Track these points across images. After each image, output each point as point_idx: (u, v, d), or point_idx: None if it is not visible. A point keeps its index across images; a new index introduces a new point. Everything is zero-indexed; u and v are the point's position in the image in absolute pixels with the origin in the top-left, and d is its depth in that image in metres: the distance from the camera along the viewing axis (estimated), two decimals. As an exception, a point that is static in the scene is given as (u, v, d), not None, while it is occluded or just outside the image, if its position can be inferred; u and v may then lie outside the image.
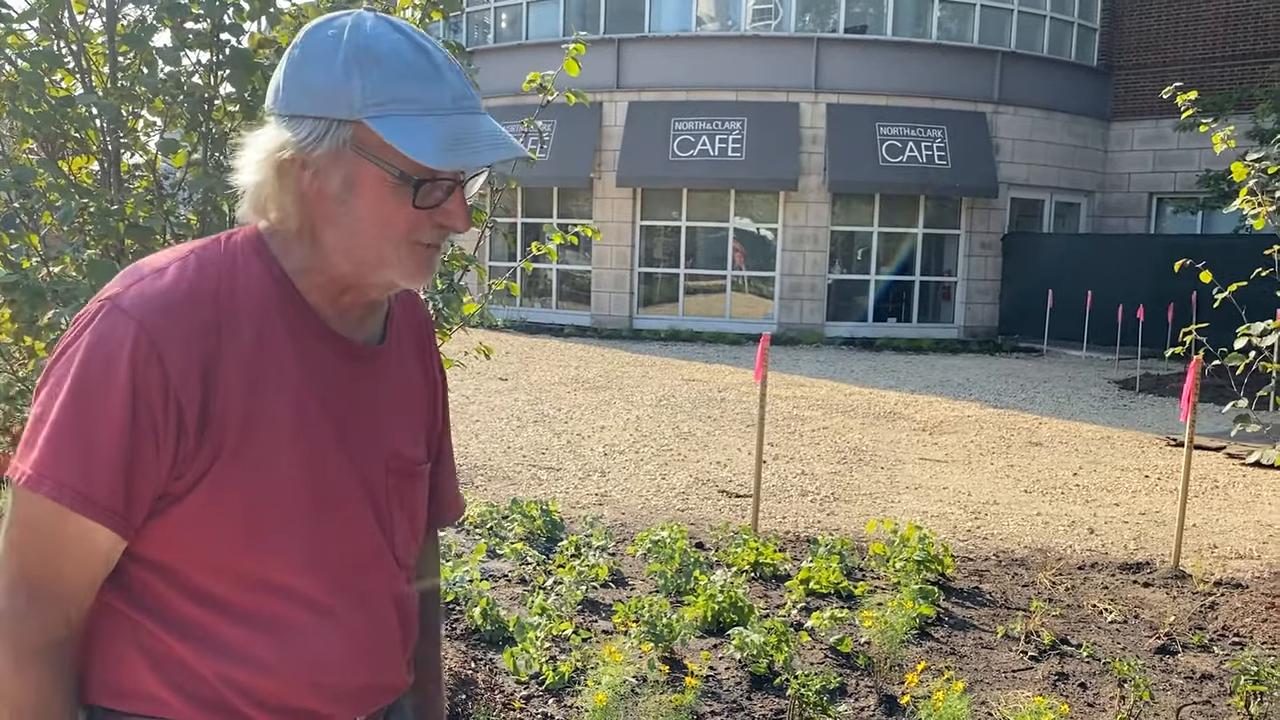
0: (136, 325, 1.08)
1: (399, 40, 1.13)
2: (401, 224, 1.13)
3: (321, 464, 1.19)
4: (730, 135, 17.42)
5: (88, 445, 1.07)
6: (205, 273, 1.15)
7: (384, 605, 1.26)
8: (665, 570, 4.72)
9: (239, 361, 1.13)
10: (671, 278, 18.61)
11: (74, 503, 1.07)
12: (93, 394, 1.07)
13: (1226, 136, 4.76)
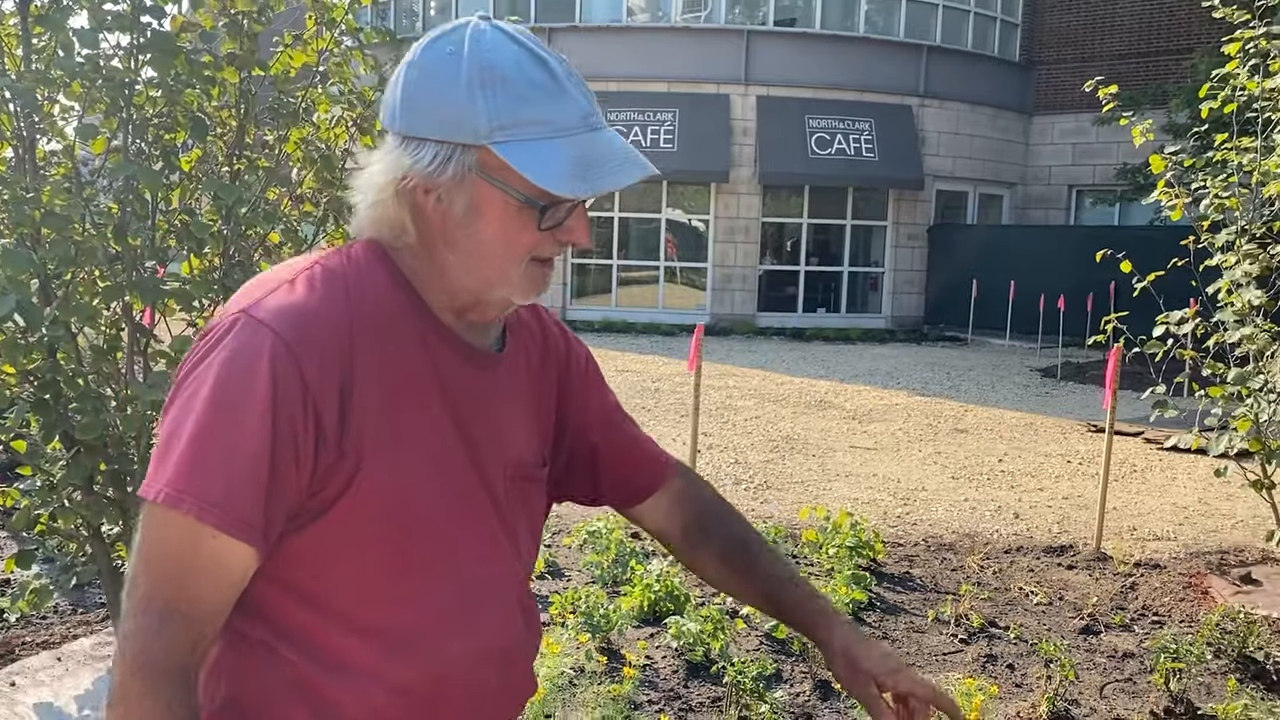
0: (274, 336, 1.05)
1: (520, 54, 1.09)
2: (525, 245, 1.11)
3: (453, 473, 1.17)
4: (662, 126, 17.45)
5: (228, 460, 1.03)
6: (334, 283, 1.12)
7: (513, 613, 1.24)
8: (601, 561, 4.72)
9: (374, 371, 1.11)
10: (604, 269, 18.60)
11: (216, 519, 1.02)
12: (233, 407, 1.04)
13: (1145, 130, 4.89)
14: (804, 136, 17.49)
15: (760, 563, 1.41)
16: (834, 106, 17.73)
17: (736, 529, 1.44)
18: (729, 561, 1.42)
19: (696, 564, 1.46)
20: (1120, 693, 3.86)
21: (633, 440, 1.43)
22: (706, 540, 1.43)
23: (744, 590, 1.44)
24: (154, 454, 1.07)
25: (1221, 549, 5.74)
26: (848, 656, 1.32)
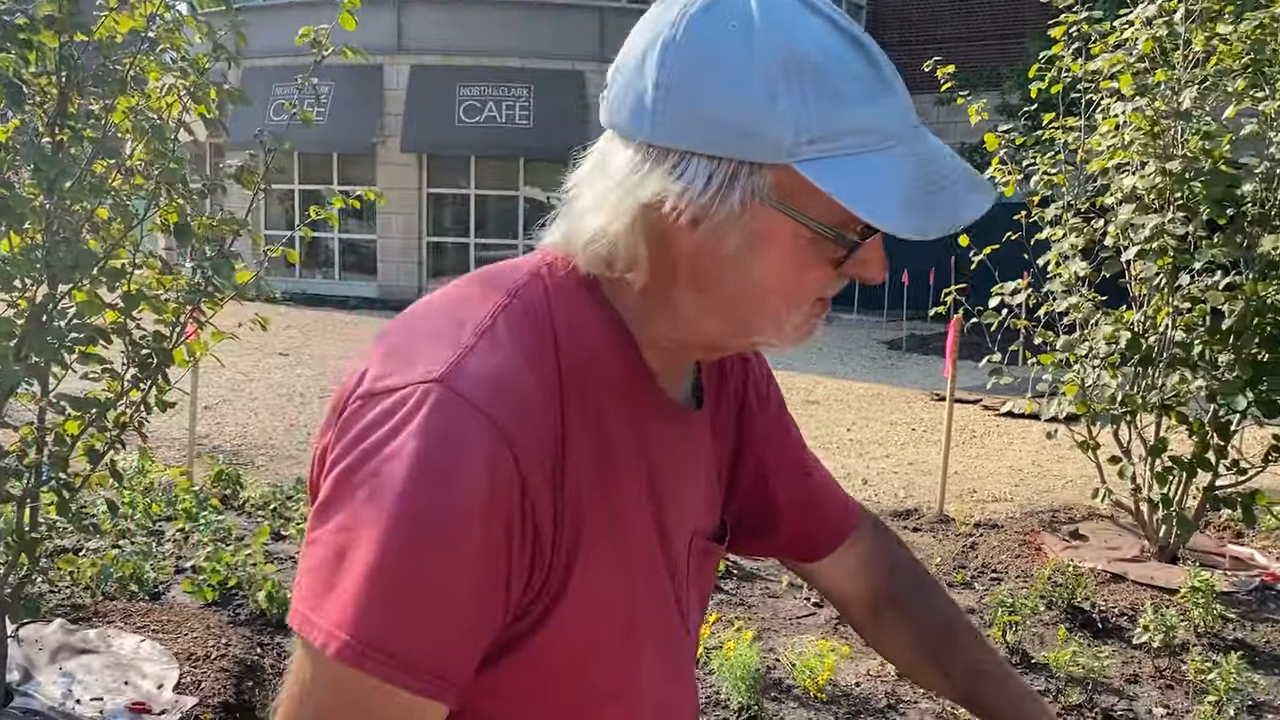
0: (490, 426, 0.75)
1: (825, 30, 0.78)
2: (810, 286, 0.84)
3: (647, 567, 0.91)
4: (518, 102, 17.27)
5: (432, 602, 0.74)
6: (540, 333, 0.83)
7: (686, 701, 1.02)
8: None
9: (585, 450, 0.82)
10: (462, 247, 18.33)
11: (419, 686, 0.74)
12: (438, 527, 0.74)
13: (980, 110, 5.11)
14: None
15: (965, 651, 1.15)
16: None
17: (938, 604, 1.18)
18: (926, 647, 1.17)
19: (884, 644, 1.22)
20: (962, 646, 4.05)
21: (819, 487, 1.16)
22: (899, 617, 1.18)
23: (939, 683, 1.18)
24: (311, 568, 0.77)
25: (1053, 508, 6.10)
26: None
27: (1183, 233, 4.29)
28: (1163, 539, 4.92)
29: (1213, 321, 4.47)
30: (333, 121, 16.70)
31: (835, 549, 1.16)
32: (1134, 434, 4.84)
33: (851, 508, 1.19)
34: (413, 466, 0.73)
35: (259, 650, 3.64)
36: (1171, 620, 3.85)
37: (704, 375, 1.01)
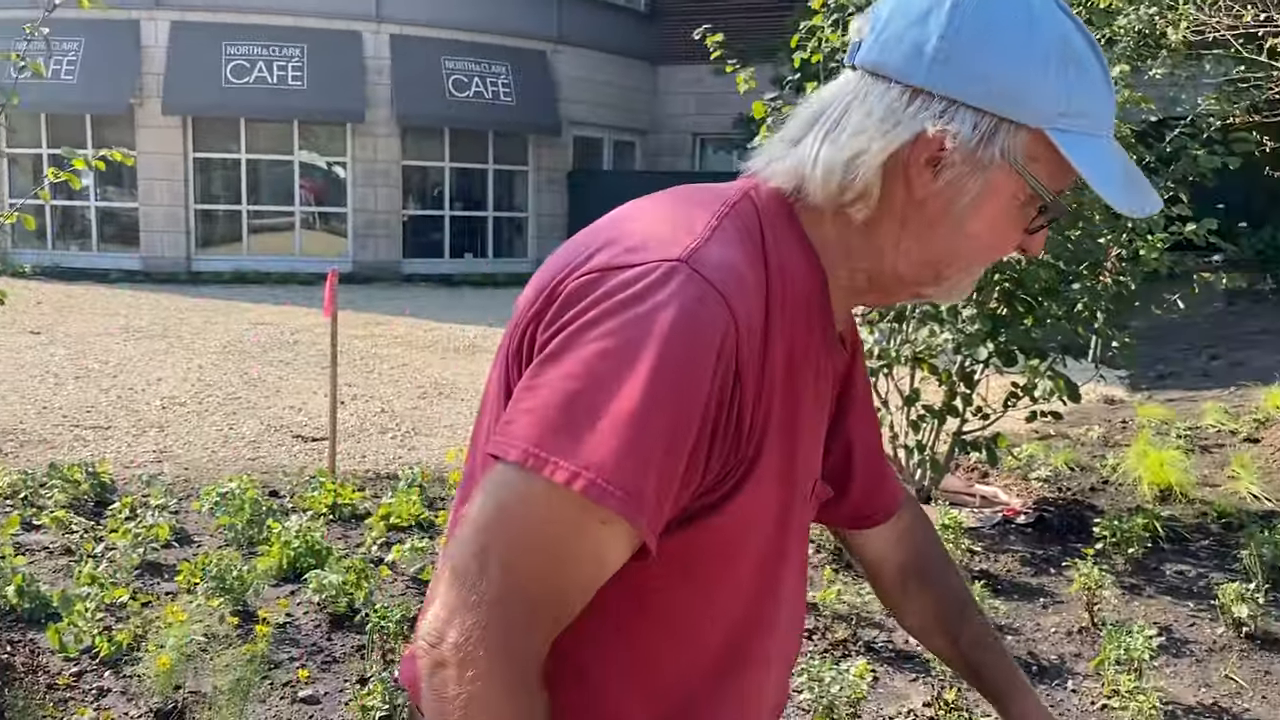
0: (728, 310, 0.84)
1: (1074, 30, 0.91)
2: (1005, 246, 0.96)
3: (794, 490, 1.00)
4: (290, 63, 16.45)
5: (665, 451, 0.82)
6: (754, 240, 0.92)
7: (792, 653, 1.12)
8: (236, 522, 4.48)
9: (776, 363, 0.91)
10: (234, 215, 17.36)
11: (642, 519, 0.82)
12: (680, 386, 0.82)
13: (749, 78, 5.28)
14: (441, 79, 17.21)
15: (971, 625, 1.30)
16: (471, 49, 17.57)
17: (955, 584, 1.33)
18: (940, 617, 1.31)
19: (904, 609, 1.35)
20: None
21: (881, 454, 1.28)
22: (923, 588, 1.32)
23: (947, 650, 1.32)
24: (547, 408, 0.82)
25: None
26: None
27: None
28: (918, 482, 5.30)
29: (958, 279, 4.82)
30: (85, 81, 15.41)
31: (889, 519, 1.28)
32: (891, 385, 5.17)
33: (900, 484, 1.32)
34: (668, 333, 0.81)
35: (9, 648, 3.37)
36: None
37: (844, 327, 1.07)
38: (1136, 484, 5.61)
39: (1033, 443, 6.46)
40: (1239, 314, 11.48)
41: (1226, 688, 3.44)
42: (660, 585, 0.92)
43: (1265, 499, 5.38)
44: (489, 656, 0.81)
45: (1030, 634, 3.88)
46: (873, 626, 3.91)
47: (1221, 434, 6.79)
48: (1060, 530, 4.94)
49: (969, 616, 1.29)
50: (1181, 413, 7.37)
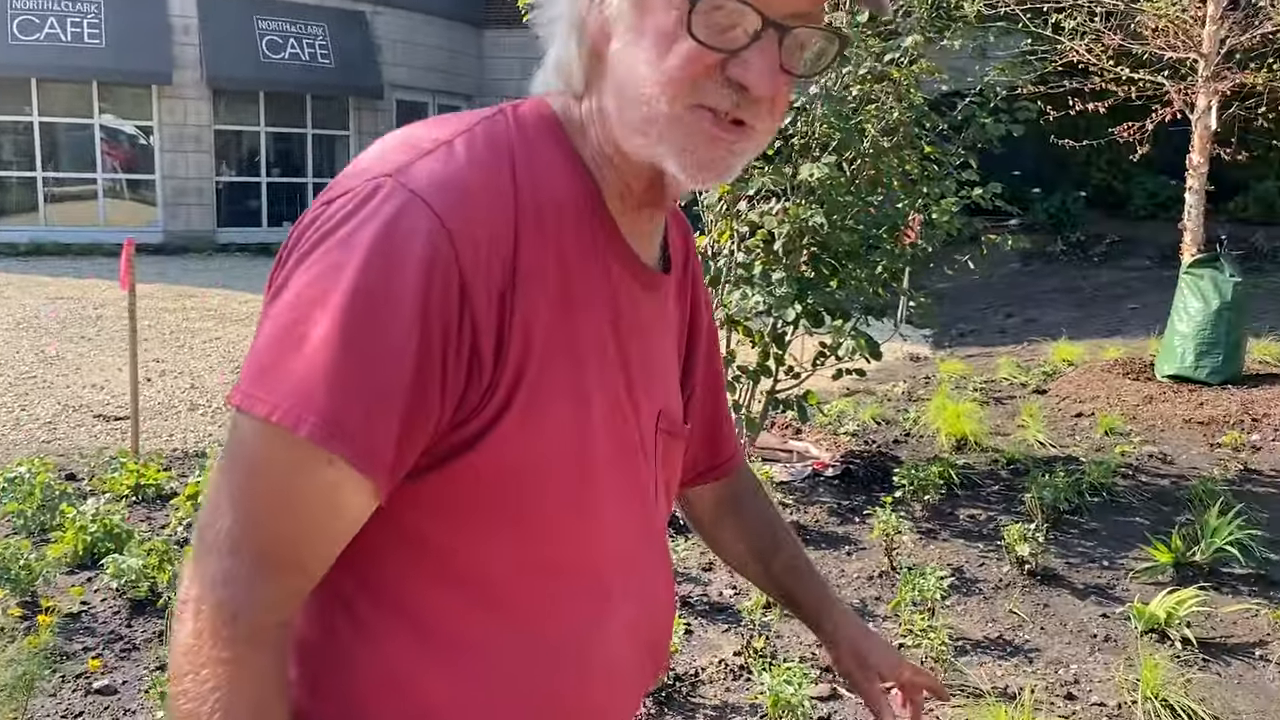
0: (433, 217, 0.79)
1: None
2: (676, 64, 0.82)
3: (612, 422, 0.93)
4: (85, 19, 15.35)
5: (367, 374, 0.77)
6: (499, 155, 0.86)
7: (658, 591, 1.04)
8: (25, 509, 4.21)
9: (540, 276, 0.85)
10: (28, 182, 16.13)
11: (348, 450, 0.77)
12: (378, 304, 0.77)
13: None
14: (254, 39, 16.42)
15: (783, 552, 1.30)
16: (285, 9, 16.81)
17: (768, 514, 1.33)
18: (755, 547, 1.31)
19: (719, 542, 1.34)
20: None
21: (725, 413, 1.23)
22: (737, 520, 1.31)
23: (762, 578, 1.32)
24: (260, 348, 0.80)
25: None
26: (856, 653, 1.27)
27: (738, 163, 4.71)
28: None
29: (768, 243, 4.98)
30: None
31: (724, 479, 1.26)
32: (709, 348, 5.31)
33: (736, 440, 1.28)
34: (359, 248, 0.78)
35: None
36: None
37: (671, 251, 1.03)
38: (935, 435, 5.96)
39: (843, 399, 6.75)
40: (1033, 274, 12.28)
41: (1010, 621, 3.72)
42: (433, 533, 0.87)
43: (1050, 445, 5.81)
44: (212, 609, 0.79)
45: (835, 580, 4.08)
46: (689, 581, 4.02)
47: (1014, 386, 7.27)
48: (865, 481, 5.20)
49: (783, 545, 1.31)
50: (979, 368, 7.85)
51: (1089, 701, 3.16)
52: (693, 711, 3.12)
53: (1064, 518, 4.64)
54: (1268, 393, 6.58)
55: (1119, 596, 3.86)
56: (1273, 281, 11.12)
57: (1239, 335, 6.79)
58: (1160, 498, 4.96)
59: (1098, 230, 13.56)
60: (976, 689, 3.17)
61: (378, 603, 0.89)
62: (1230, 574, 4.03)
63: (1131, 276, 11.75)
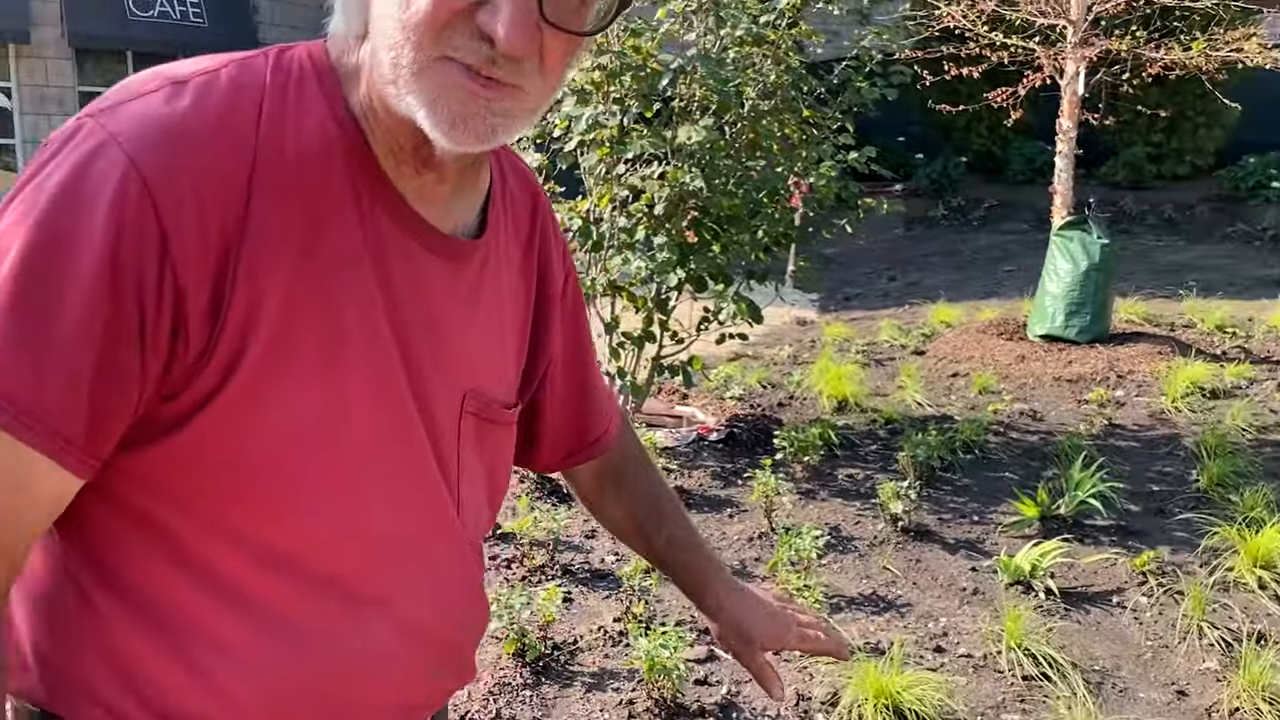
0: (128, 163, 0.71)
1: None
2: (420, 7, 0.73)
3: (380, 397, 0.83)
4: (-70, -29, 14.37)
5: (42, 339, 0.69)
6: (242, 98, 0.78)
7: (448, 588, 0.94)
8: None
9: (282, 233, 0.76)
10: None
11: (25, 427, 0.70)
12: (55, 260, 0.70)
13: None
14: (119, -5, 15.61)
15: (667, 525, 1.27)
16: (152, -37, 16.03)
17: (652, 481, 1.29)
18: (639, 519, 1.27)
19: (602, 513, 1.30)
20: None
21: (594, 390, 1.17)
22: (620, 491, 1.26)
23: (645, 549, 1.29)
24: None
25: (535, 389, 6.48)
26: (738, 628, 1.26)
27: (615, 124, 4.65)
28: (621, 407, 5.45)
29: (650, 208, 4.94)
30: None
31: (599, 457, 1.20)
32: (593, 313, 5.26)
33: (615, 412, 1.21)
34: (45, 196, 0.71)
35: None
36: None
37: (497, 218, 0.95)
38: (818, 397, 6.04)
39: (730, 364, 6.80)
40: (915, 239, 12.56)
41: (884, 577, 3.79)
42: (160, 515, 0.79)
43: (926, 405, 5.95)
44: None
45: (717, 543, 4.10)
46: (570, 549, 4.00)
47: (894, 348, 7.42)
48: (749, 444, 5.24)
49: (667, 517, 1.27)
50: (862, 330, 7.99)
51: (957, 653, 3.25)
52: (570, 679, 3.10)
53: (938, 475, 4.75)
54: (1132, 350, 6.86)
55: (988, 550, 3.98)
56: (1140, 244, 11.60)
57: (1106, 295, 7.05)
58: (1029, 454, 5.13)
59: (978, 195, 13.92)
60: (849, 645, 3.22)
61: (107, 584, 0.81)
62: (1093, 525, 4.19)
63: (1009, 240, 12.11)
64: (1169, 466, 4.92)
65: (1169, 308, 8.35)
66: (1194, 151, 13.81)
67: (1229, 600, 3.55)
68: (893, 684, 2.84)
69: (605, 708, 2.95)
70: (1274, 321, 7.66)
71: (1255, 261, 10.54)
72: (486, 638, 3.29)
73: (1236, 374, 6.34)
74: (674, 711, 2.92)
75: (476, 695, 2.97)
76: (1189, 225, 12.41)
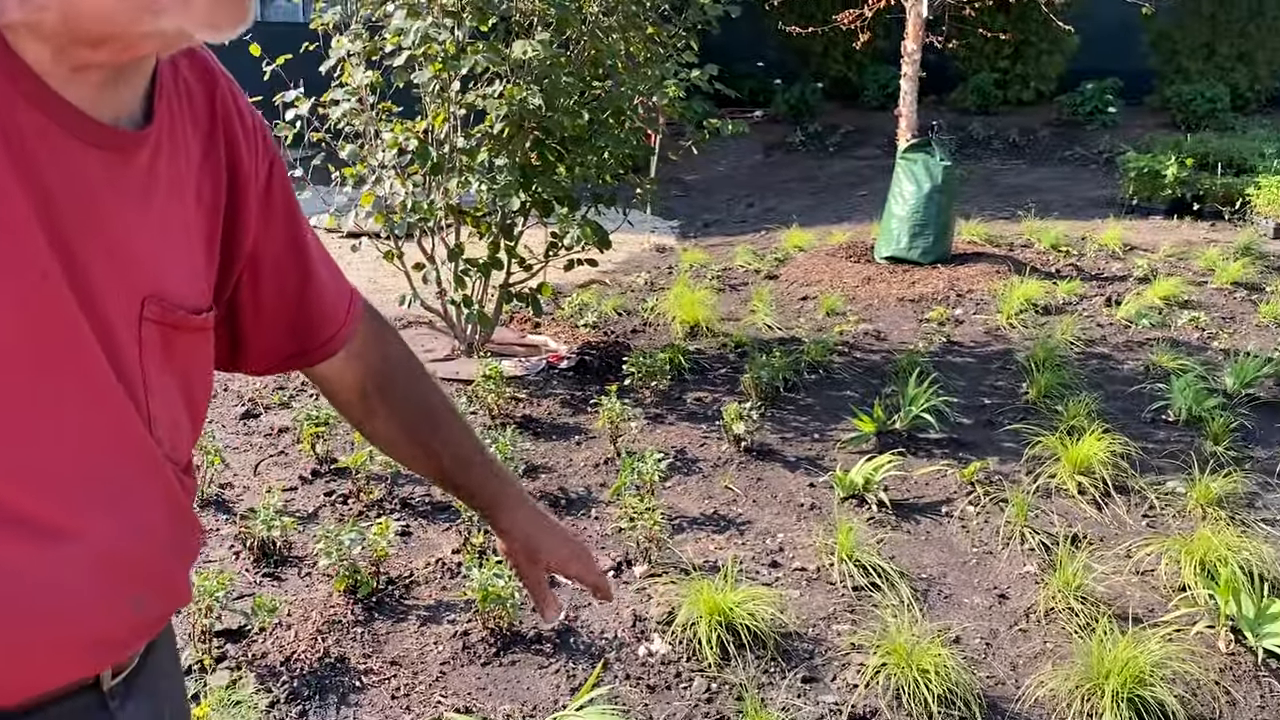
0: None
1: None
2: None
3: (36, 308, 0.74)
4: None
5: None
6: None
7: (148, 513, 0.86)
8: None
9: None
10: None
11: None
12: None
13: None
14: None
15: (442, 433, 1.21)
16: None
17: (428, 394, 1.21)
18: (416, 435, 1.20)
19: (366, 425, 1.22)
20: (275, 465, 4.06)
21: (318, 289, 1.07)
22: (389, 405, 1.19)
23: (428, 468, 1.24)
24: None
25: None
26: (528, 547, 1.25)
27: (449, 39, 4.45)
28: (469, 337, 5.32)
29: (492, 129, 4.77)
30: None
31: (334, 356, 1.12)
32: (437, 240, 5.09)
33: (350, 309, 1.12)
34: None
35: None
36: (460, 409, 4.18)
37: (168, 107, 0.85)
38: (671, 323, 6.03)
39: (586, 292, 6.72)
40: (774, 165, 12.64)
41: (725, 497, 3.82)
42: None
43: (776, 328, 6.01)
44: None
45: (563, 470, 4.06)
46: (410, 483, 3.89)
47: (748, 273, 7.47)
48: (600, 372, 5.20)
49: (451, 433, 1.22)
50: (719, 256, 8.01)
51: (791, 568, 3.30)
52: (405, 614, 3.03)
53: (782, 396, 4.81)
54: (972, 270, 7.07)
55: (827, 467, 4.05)
56: (985, 167, 11.95)
57: (948, 217, 7.22)
58: (871, 372, 5.24)
59: (834, 121, 14.07)
60: (691, 564, 3.24)
61: None
62: (926, 439, 4.31)
63: (863, 165, 12.30)
64: (1001, 381, 5.10)
65: (1009, 229, 8.63)
66: (1037, 78, 14.25)
67: (1050, 506, 3.71)
68: (726, 600, 2.86)
69: (440, 640, 2.89)
70: (1105, 240, 8.01)
71: (1090, 183, 10.99)
72: (317, 576, 3.18)
73: (1068, 290, 6.62)
74: (510, 640, 2.88)
75: (303, 635, 2.87)
76: (1031, 149, 12.84)
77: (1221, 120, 12.81)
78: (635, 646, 2.88)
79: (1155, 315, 6.11)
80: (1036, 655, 2.84)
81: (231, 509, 3.66)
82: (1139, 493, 3.79)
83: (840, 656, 2.83)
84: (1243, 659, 2.81)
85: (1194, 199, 9.20)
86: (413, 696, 2.65)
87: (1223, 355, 5.41)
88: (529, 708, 2.62)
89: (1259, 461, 4.11)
